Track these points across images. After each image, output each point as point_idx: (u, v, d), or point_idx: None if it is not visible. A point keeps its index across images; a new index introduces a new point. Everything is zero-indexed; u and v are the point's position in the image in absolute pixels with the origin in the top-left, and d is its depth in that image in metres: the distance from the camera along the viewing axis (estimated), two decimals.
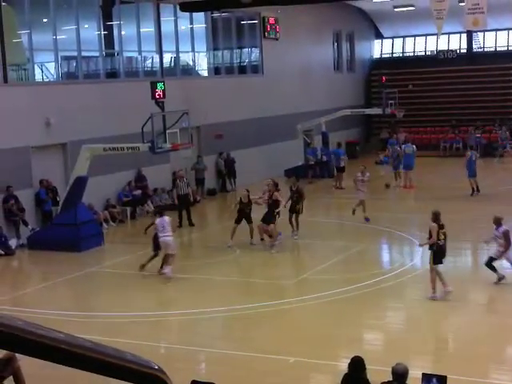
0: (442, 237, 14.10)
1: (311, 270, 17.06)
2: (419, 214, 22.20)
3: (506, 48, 40.92)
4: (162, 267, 16.76)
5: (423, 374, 7.77)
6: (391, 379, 7.83)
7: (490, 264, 15.11)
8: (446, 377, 7.69)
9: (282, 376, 11.14)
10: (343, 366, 8.87)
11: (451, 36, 40.82)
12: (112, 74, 26.42)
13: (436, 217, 14.24)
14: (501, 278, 14.92)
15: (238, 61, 32.66)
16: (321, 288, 15.31)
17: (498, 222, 15.12)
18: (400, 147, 30.24)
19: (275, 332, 13.11)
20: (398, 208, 25.90)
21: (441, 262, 14.27)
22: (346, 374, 8.25)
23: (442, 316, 13.84)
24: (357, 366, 8.14)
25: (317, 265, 17.41)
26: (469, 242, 20.19)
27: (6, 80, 21.26)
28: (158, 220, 16.95)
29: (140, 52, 26.85)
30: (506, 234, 14.90)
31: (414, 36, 42.91)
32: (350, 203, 22.54)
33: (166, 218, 16.95)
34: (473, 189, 25.71)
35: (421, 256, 17.66)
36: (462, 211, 23.14)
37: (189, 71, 30.29)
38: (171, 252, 16.79)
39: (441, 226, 14.17)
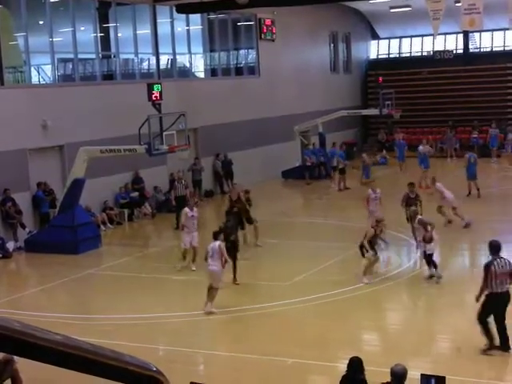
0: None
1: (309, 271, 17.04)
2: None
3: (502, 48, 40.92)
4: (205, 304, 14.18)
5: (422, 374, 7.76)
6: (390, 380, 7.82)
7: (430, 260, 15.79)
8: (444, 377, 7.68)
9: (280, 377, 11.14)
10: (342, 367, 8.87)
11: (448, 36, 40.84)
12: (108, 76, 26.42)
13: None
14: (438, 277, 15.54)
15: (235, 62, 32.68)
16: (318, 289, 15.30)
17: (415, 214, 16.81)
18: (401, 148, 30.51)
19: (273, 333, 13.10)
20: (396, 209, 25.89)
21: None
22: (344, 375, 8.25)
23: (440, 316, 13.85)
24: (355, 366, 8.14)
25: (314, 266, 17.39)
26: (467, 242, 20.22)
27: (2, 82, 21.26)
28: (210, 245, 14.40)
29: (136, 54, 26.84)
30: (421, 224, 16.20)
31: (411, 36, 42.93)
32: (350, 204, 22.58)
33: (217, 244, 14.37)
34: (469, 191, 25.63)
35: (418, 257, 17.67)
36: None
37: (185, 73, 30.29)
38: (215, 285, 14.21)
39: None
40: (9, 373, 9.82)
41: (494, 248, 11.74)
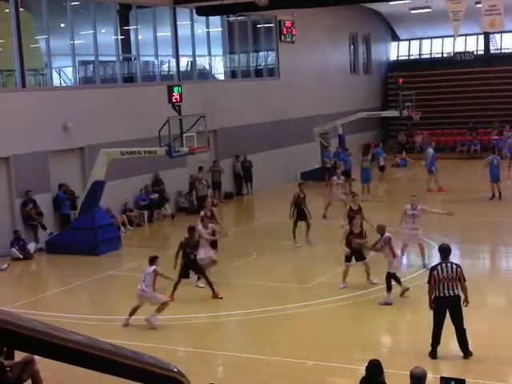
0: None
1: (328, 273, 17.01)
2: (437, 216, 22.05)
3: None
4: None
5: (441, 377, 7.74)
6: (409, 383, 7.80)
7: (389, 281, 14.49)
8: (464, 380, 7.65)
9: (299, 380, 11.13)
10: (361, 369, 8.85)
11: (468, 38, 40.64)
12: (129, 79, 26.56)
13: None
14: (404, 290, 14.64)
15: (255, 64, 32.71)
16: (338, 291, 15.28)
17: (381, 231, 14.75)
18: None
19: (293, 335, 13.09)
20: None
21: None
22: (363, 378, 8.23)
23: None
24: (374, 369, 8.11)
25: (333, 268, 17.34)
26: (487, 244, 20.09)
27: (24, 85, 21.42)
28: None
29: (157, 56, 26.96)
30: (386, 242, 14.51)
31: (431, 38, 42.76)
32: (369, 207, 22.39)
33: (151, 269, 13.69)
34: (493, 194, 25.36)
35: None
36: (479, 214, 23.04)
37: (205, 75, 30.37)
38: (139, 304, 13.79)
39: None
40: (29, 373, 9.88)
41: (442, 252, 11.65)
